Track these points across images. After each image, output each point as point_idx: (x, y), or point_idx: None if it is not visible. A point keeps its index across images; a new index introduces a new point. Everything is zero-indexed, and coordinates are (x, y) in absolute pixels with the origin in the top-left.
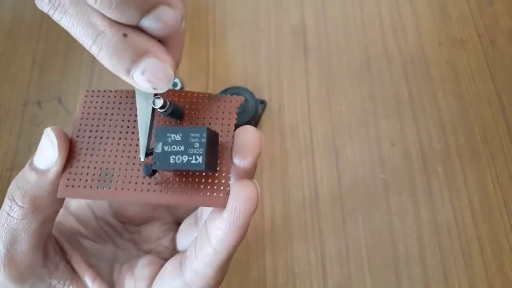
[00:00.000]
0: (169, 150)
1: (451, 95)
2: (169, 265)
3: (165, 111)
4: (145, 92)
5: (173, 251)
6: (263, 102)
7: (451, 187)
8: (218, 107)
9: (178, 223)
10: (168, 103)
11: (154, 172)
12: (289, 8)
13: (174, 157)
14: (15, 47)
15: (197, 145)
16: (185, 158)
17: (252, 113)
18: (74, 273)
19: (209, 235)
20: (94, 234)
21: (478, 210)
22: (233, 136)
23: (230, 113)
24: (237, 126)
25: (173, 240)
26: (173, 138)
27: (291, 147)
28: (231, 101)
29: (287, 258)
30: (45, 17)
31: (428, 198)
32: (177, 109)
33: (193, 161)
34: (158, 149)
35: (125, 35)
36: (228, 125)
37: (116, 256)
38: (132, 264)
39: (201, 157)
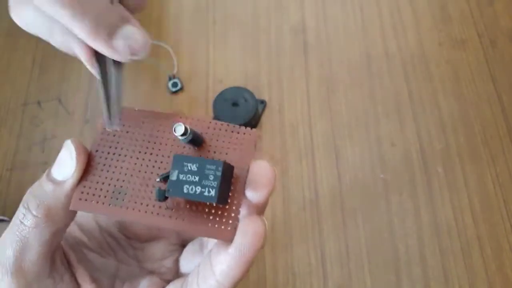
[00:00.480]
0: (184, 179)
1: (451, 95)
2: None
3: (185, 138)
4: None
5: (176, 273)
6: (263, 102)
7: (451, 187)
8: (237, 138)
9: (183, 245)
10: (189, 131)
11: (166, 198)
12: (289, 8)
13: (188, 186)
14: (15, 47)
15: (211, 177)
16: (198, 189)
17: (252, 113)
18: (77, 286)
19: (213, 267)
20: (97, 246)
21: (478, 210)
22: (247, 170)
23: (249, 146)
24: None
25: (177, 262)
26: (189, 168)
27: (291, 147)
28: (250, 135)
29: (287, 258)
30: None
31: (428, 198)
32: (196, 137)
33: (206, 193)
34: (174, 176)
35: (111, 1)
36: (246, 158)
37: (118, 271)
38: (134, 283)
39: (214, 190)
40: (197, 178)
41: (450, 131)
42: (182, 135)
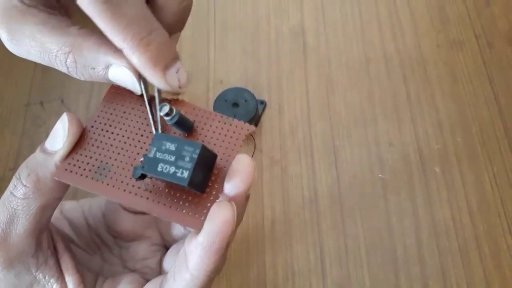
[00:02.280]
0: (160, 157)
1: (449, 96)
2: (149, 287)
3: (170, 119)
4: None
5: (158, 274)
6: (263, 103)
7: (449, 187)
8: (228, 130)
9: (166, 247)
10: (174, 112)
11: (142, 176)
12: (288, 10)
13: (162, 165)
14: None
15: (187, 159)
16: (172, 169)
17: (252, 114)
18: (60, 273)
19: (187, 261)
20: (84, 243)
21: (476, 210)
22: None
23: (237, 139)
24: None
25: (160, 263)
26: (167, 147)
27: (290, 147)
28: (242, 128)
29: (287, 257)
30: None
31: (426, 198)
32: (183, 121)
33: (179, 174)
34: (151, 153)
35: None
36: (232, 150)
37: (102, 269)
38: (115, 280)
39: (187, 172)
40: (173, 158)
41: (448, 131)
42: (166, 114)
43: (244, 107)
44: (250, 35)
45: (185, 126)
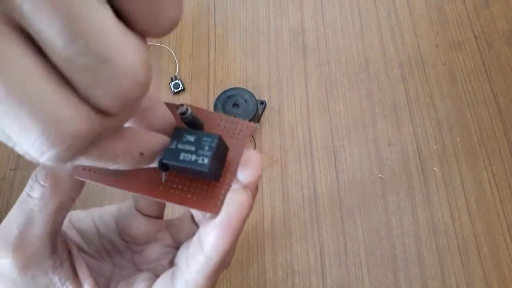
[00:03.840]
0: (181, 148)
1: (448, 96)
2: (161, 279)
3: (185, 117)
4: None
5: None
6: (263, 103)
7: (448, 186)
8: (235, 128)
9: (178, 247)
10: (189, 112)
11: (165, 167)
12: (288, 11)
13: (184, 154)
14: None
15: (206, 148)
16: (193, 157)
17: (252, 114)
18: (75, 276)
19: (202, 243)
20: (94, 250)
21: (475, 209)
22: (240, 156)
23: (244, 136)
24: None
25: (172, 262)
26: (187, 138)
27: (290, 147)
28: (247, 126)
29: (287, 256)
30: None
31: (425, 197)
32: (196, 120)
33: (200, 161)
34: (172, 145)
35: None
36: (240, 146)
37: (113, 274)
38: (128, 281)
39: (207, 159)
40: (193, 148)
41: (447, 131)
42: (182, 114)
43: (244, 107)
44: (250, 35)
45: (197, 125)
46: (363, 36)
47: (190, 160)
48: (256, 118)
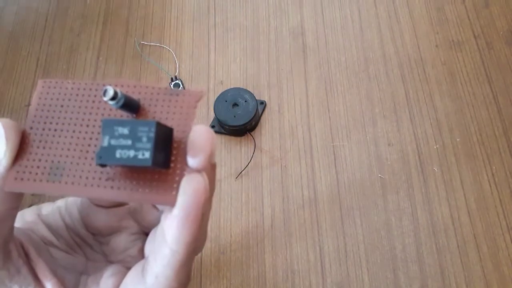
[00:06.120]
0: (116, 144)
1: (448, 96)
2: (132, 273)
3: (116, 103)
4: None
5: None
6: (263, 103)
7: (447, 186)
8: (177, 101)
9: (146, 233)
10: (119, 94)
11: (105, 164)
12: (288, 11)
13: (120, 151)
14: (19, 49)
15: (145, 139)
16: (131, 153)
17: (252, 114)
18: (37, 280)
19: (164, 234)
20: (65, 245)
21: (475, 209)
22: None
23: (189, 108)
24: (240, 127)
25: (141, 250)
26: (120, 132)
27: (290, 147)
28: (190, 96)
29: (287, 256)
30: (49, 20)
31: (425, 197)
32: (130, 102)
33: (140, 156)
34: (105, 142)
35: None
36: (186, 120)
37: (86, 268)
38: (98, 275)
39: (148, 152)
40: (129, 142)
41: (447, 131)
42: (111, 99)
43: (244, 107)
44: (250, 36)
45: (132, 107)
46: (363, 36)
47: (129, 157)
48: (256, 118)
